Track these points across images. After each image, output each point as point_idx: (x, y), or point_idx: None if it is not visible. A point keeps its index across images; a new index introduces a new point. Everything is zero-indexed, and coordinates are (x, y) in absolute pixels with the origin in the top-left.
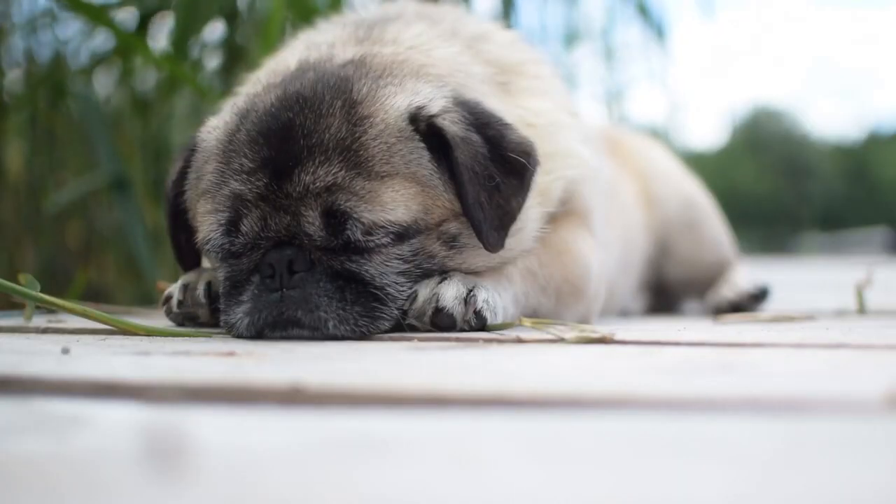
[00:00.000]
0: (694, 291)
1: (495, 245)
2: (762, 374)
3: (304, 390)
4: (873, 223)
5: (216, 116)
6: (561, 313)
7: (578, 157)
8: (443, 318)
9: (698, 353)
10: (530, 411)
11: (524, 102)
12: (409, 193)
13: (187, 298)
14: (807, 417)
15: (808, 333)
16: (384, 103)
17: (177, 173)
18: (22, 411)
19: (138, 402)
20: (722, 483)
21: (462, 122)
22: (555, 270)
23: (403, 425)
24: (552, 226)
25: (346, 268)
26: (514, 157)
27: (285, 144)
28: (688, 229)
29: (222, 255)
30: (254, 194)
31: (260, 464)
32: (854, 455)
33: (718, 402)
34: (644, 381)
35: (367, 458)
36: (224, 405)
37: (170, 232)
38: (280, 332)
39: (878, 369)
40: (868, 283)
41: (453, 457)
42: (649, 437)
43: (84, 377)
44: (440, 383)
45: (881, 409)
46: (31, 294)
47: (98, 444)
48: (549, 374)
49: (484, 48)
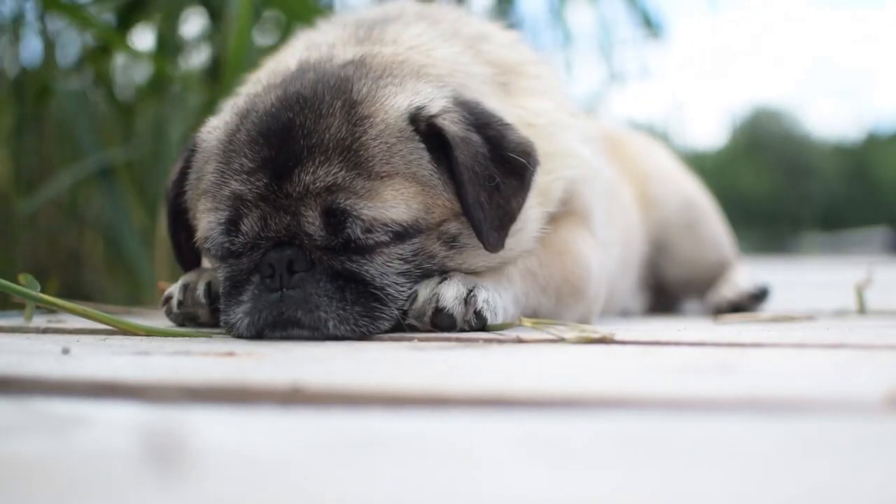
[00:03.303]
0: (694, 291)
1: (495, 245)
2: (762, 374)
3: (304, 390)
4: (873, 223)
5: (216, 116)
6: (561, 313)
7: (579, 157)
8: (443, 319)
9: (698, 353)
10: (530, 411)
11: (524, 102)
12: (410, 193)
13: (187, 298)
14: (807, 417)
15: (808, 333)
16: (384, 103)
17: (177, 173)
18: (22, 411)
19: (138, 402)
20: (722, 483)
21: (462, 122)
22: (555, 270)
23: (403, 425)
24: (552, 226)
25: (346, 268)
26: (514, 157)
27: (285, 144)
28: (688, 229)
29: (222, 254)
30: (254, 194)
31: (260, 464)
32: (854, 455)
33: (718, 402)
34: (644, 381)
35: (367, 459)
36: (224, 405)
37: (170, 232)
38: (280, 332)
39: (878, 369)
40: (868, 283)
41: (453, 457)
42: (649, 437)
43: (84, 377)
44: (440, 383)
45: (881, 409)
46: (31, 294)
47: (98, 444)
48: (549, 374)
49: (484, 48)
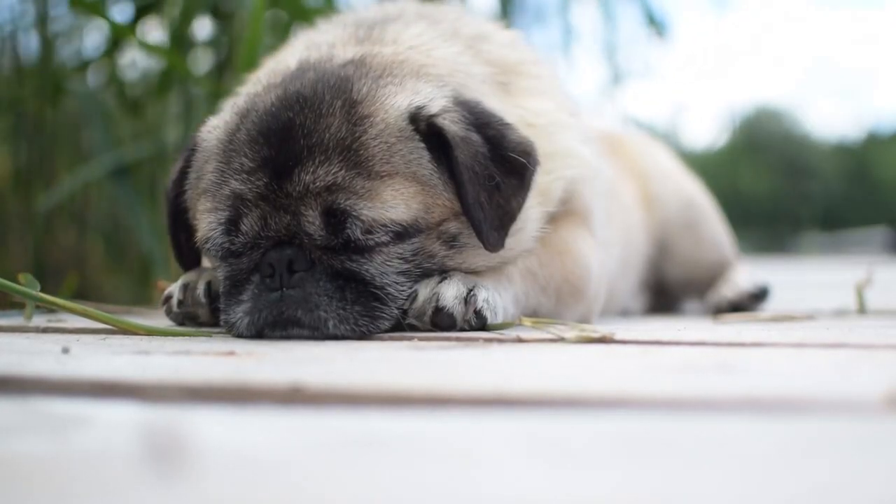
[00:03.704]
0: (694, 291)
1: (495, 245)
2: (762, 374)
3: (304, 390)
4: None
5: (216, 116)
6: (561, 313)
7: (579, 157)
8: (443, 318)
9: (698, 353)
10: (530, 411)
11: (524, 102)
12: (410, 193)
13: (187, 298)
14: (807, 417)
15: (808, 333)
16: (384, 103)
17: (177, 173)
18: (22, 411)
19: (138, 401)
20: (722, 483)
21: (462, 121)
22: (555, 270)
23: (403, 425)
24: (552, 226)
25: (346, 267)
26: (514, 156)
27: (285, 144)
28: (688, 229)
29: (222, 254)
30: (254, 194)
31: (260, 464)
32: (854, 455)
33: (718, 401)
34: (644, 381)
35: (367, 458)
36: (224, 405)
37: (170, 231)
38: (280, 331)
39: (879, 369)
40: (868, 283)
41: (453, 457)
42: (649, 436)
43: (84, 377)
44: (440, 383)
45: (881, 409)
46: (31, 294)
47: (98, 444)
48: (549, 374)
49: (484, 48)
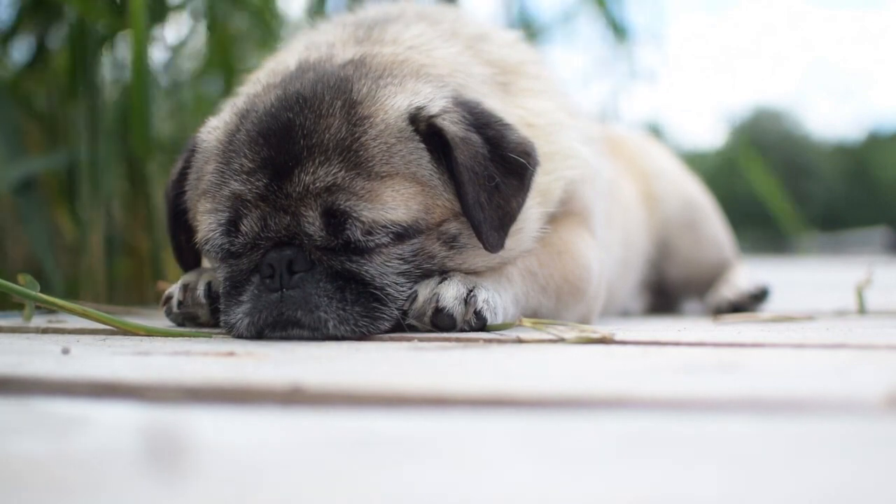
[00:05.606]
0: (694, 291)
1: (495, 245)
2: (762, 374)
3: (304, 390)
4: (873, 223)
5: (216, 117)
6: (561, 313)
7: (579, 158)
8: (443, 319)
9: (698, 353)
10: (530, 411)
11: (524, 103)
12: (410, 193)
13: (187, 298)
14: (807, 417)
15: (808, 333)
16: (384, 103)
17: (177, 174)
18: (22, 411)
19: (138, 402)
20: (721, 482)
21: (462, 122)
22: (555, 270)
23: (403, 425)
24: (552, 226)
25: (346, 268)
26: (514, 157)
27: (285, 144)
28: (688, 229)
29: (222, 255)
30: (254, 194)
31: (260, 464)
32: (854, 455)
33: (718, 402)
34: (644, 381)
35: (367, 458)
36: (224, 405)
37: (170, 232)
38: (280, 332)
39: (879, 369)
40: (868, 283)
41: (453, 456)
42: (649, 436)
43: (84, 377)
44: (440, 383)
45: (881, 409)
46: (31, 294)
47: (98, 444)
48: (550, 374)
49: (484, 48)
